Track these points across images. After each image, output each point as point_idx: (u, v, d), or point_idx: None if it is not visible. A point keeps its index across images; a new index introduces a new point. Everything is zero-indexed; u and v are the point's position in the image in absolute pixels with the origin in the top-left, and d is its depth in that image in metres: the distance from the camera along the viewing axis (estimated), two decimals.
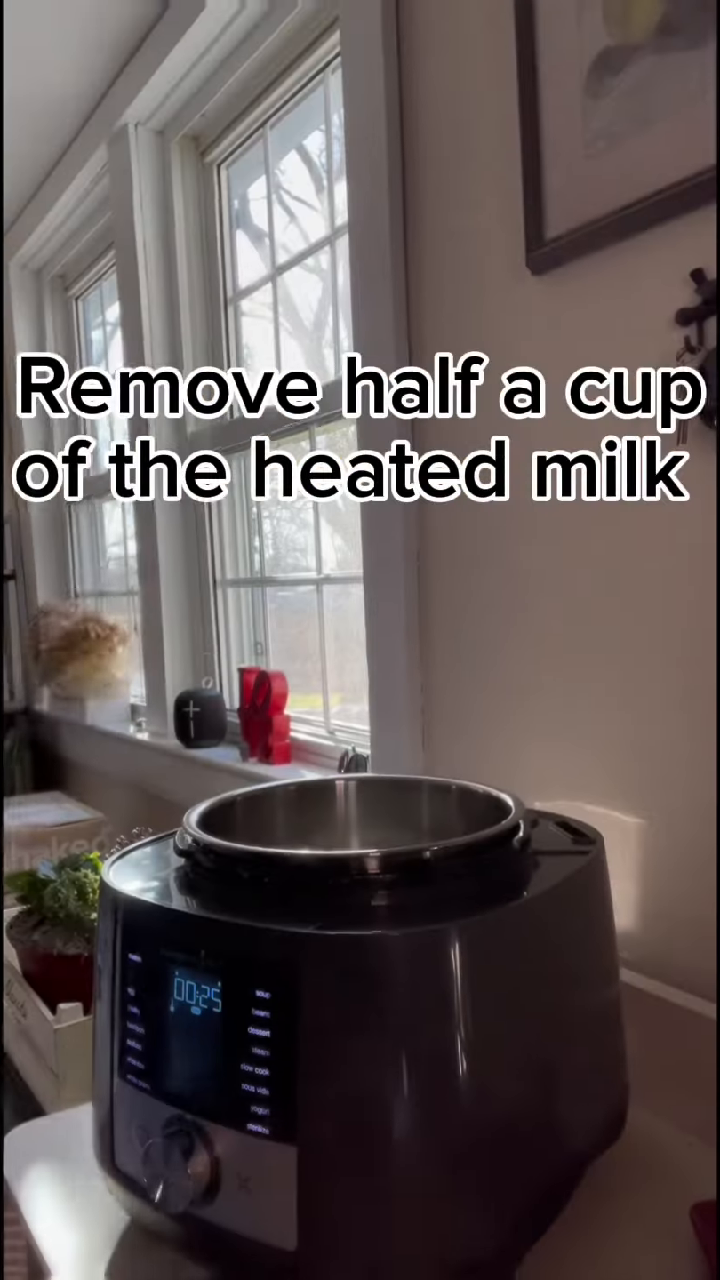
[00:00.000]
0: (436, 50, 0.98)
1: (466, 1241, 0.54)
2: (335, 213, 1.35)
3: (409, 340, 1.04)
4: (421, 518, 1.05)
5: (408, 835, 0.79)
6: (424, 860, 0.58)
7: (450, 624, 1.03)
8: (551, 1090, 0.60)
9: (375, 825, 0.81)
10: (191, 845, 0.64)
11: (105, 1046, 0.62)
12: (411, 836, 0.79)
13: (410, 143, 1.02)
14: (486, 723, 0.99)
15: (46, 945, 1.14)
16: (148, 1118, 0.58)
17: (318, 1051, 0.52)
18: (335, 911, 0.55)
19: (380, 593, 1.10)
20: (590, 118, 0.79)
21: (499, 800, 0.71)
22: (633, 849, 0.83)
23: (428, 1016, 0.53)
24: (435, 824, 0.78)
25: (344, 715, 1.45)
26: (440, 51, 0.97)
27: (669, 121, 0.73)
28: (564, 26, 0.81)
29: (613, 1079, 0.67)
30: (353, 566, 1.39)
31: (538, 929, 0.59)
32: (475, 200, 0.94)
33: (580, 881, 0.64)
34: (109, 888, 0.63)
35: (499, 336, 0.93)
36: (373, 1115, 0.52)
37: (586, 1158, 0.63)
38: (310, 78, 1.36)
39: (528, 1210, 0.57)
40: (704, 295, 0.73)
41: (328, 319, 1.43)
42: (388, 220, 1.03)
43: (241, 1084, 0.54)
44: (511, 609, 0.94)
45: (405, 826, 0.80)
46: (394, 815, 0.81)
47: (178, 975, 0.57)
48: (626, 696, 0.83)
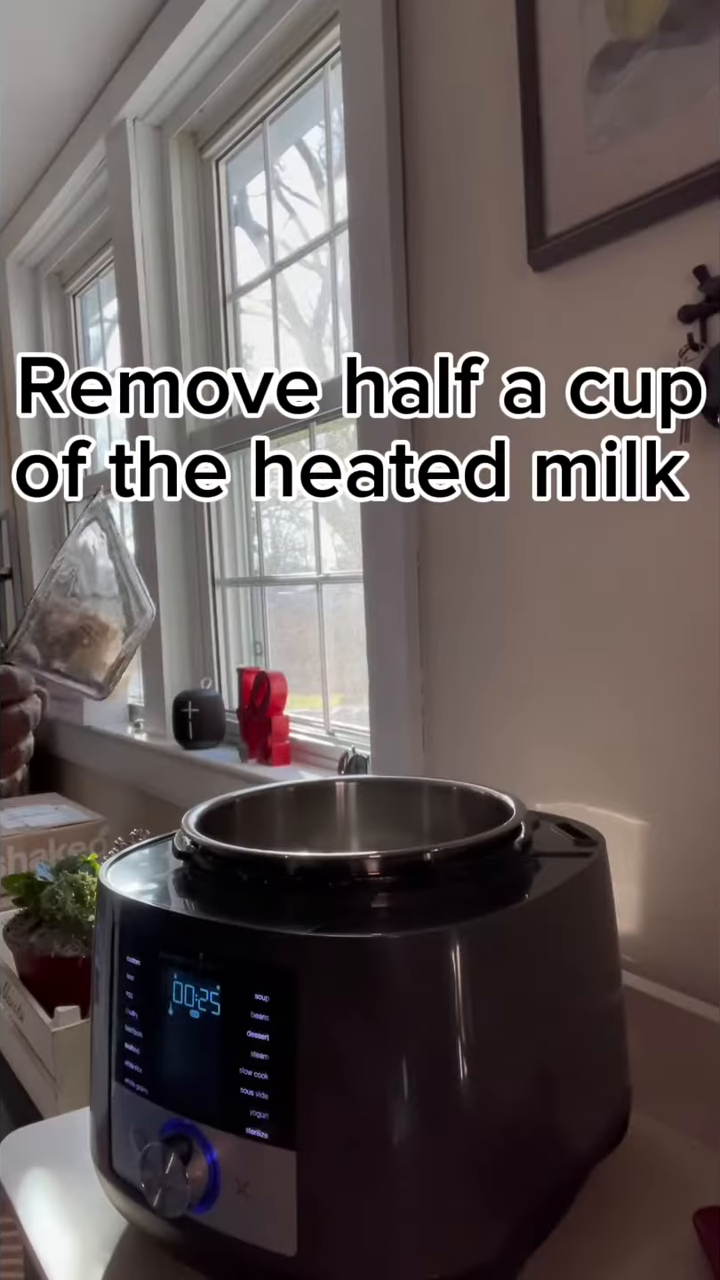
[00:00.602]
0: (437, 45, 0.97)
1: (467, 1247, 0.53)
2: (335, 209, 1.34)
3: (409, 337, 1.04)
4: (421, 518, 1.05)
5: (408, 837, 0.79)
6: (424, 862, 0.58)
7: (450, 624, 1.02)
8: (553, 1094, 0.59)
9: (375, 827, 0.81)
10: (190, 847, 0.64)
11: (103, 1050, 0.62)
12: (412, 838, 0.78)
13: (410, 138, 1.01)
14: (487, 723, 0.98)
15: (44, 948, 1.13)
16: (146, 1122, 0.58)
17: (317, 1055, 0.52)
18: (335, 914, 0.55)
19: (380, 593, 1.10)
20: (592, 113, 0.79)
21: (500, 801, 0.70)
22: (635, 851, 0.82)
23: (428, 1020, 0.53)
24: (436, 825, 0.78)
25: (344, 716, 1.44)
26: (441, 46, 0.97)
27: (672, 117, 0.73)
28: (566, 21, 0.80)
29: (615, 1083, 0.67)
30: (353, 566, 1.39)
31: (539, 932, 0.59)
32: (476, 196, 0.94)
33: (582, 884, 0.63)
34: (107, 890, 0.63)
35: (500, 333, 0.92)
36: (373, 1119, 0.52)
37: (588, 1162, 0.63)
38: (310, 73, 1.35)
39: (529, 1215, 0.57)
40: (707, 292, 0.72)
41: (327, 316, 1.42)
42: (388, 216, 1.02)
43: (240, 1088, 0.53)
44: (512, 608, 0.94)
45: (406, 828, 0.79)
46: (394, 817, 0.80)
47: (176, 978, 0.56)
48: (628, 696, 0.82)
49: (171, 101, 1.57)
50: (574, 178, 0.81)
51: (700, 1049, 0.71)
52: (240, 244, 1.62)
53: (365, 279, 1.07)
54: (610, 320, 0.81)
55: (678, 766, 0.79)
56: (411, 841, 0.78)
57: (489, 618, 0.97)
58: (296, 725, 1.48)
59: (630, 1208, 0.64)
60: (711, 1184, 0.66)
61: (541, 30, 0.83)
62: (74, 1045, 0.99)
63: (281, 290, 1.52)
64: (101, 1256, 0.62)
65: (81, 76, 1.64)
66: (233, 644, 1.72)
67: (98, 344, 2.23)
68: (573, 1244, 0.60)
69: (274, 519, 1.66)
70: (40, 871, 1.23)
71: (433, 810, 0.78)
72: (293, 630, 1.60)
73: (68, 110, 1.75)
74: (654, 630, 0.80)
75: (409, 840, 0.78)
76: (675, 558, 0.77)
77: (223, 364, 1.65)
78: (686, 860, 0.78)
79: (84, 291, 2.24)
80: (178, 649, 1.76)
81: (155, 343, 1.68)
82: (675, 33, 0.72)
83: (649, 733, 0.81)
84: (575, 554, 0.86)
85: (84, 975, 0.87)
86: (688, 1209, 0.62)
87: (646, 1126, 0.72)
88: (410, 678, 1.07)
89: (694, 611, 0.76)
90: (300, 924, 0.53)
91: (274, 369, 1.52)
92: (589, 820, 0.75)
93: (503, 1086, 0.55)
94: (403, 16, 1.01)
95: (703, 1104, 0.70)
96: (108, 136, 1.68)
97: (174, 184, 1.64)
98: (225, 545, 1.70)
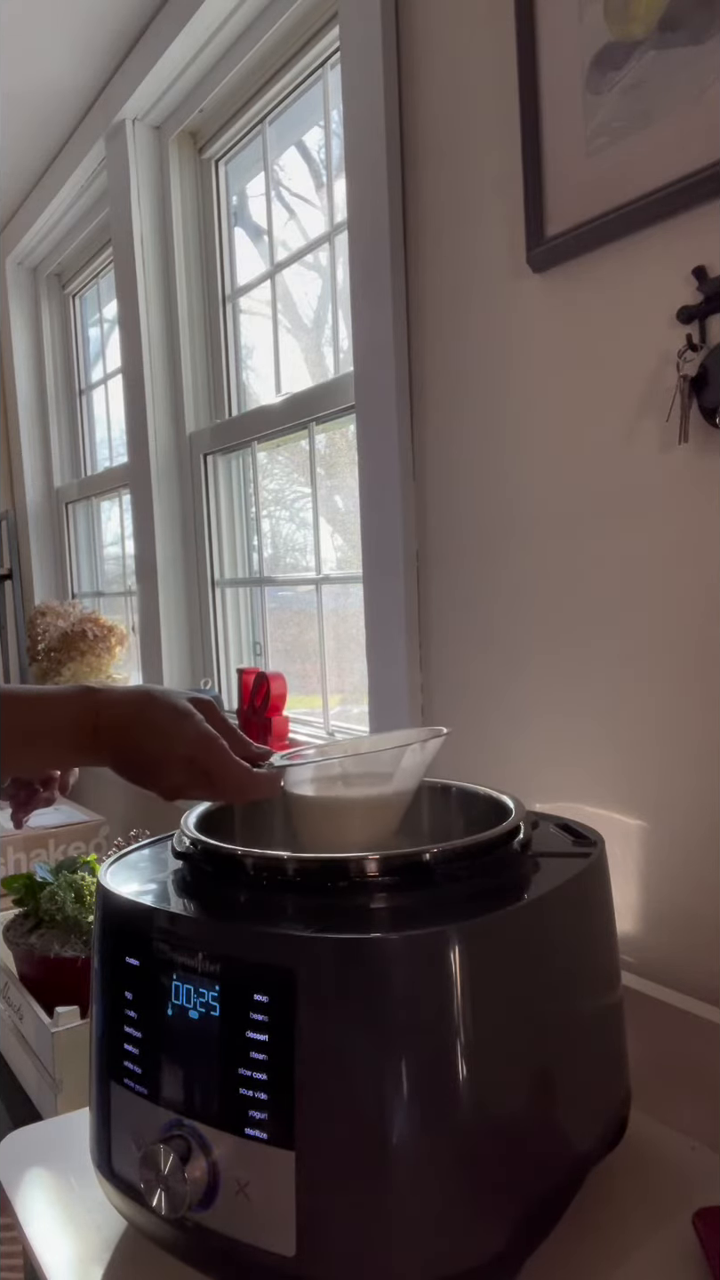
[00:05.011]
0: (436, 45, 0.97)
1: (466, 1247, 0.53)
2: (335, 209, 1.34)
3: (409, 337, 1.04)
4: (421, 518, 1.05)
5: (407, 837, 0.79)
6: (424, 862, 0.58)
7: (450, 624, 1.02)
8: (552, 1094, 0.59)
9: None
10: (189, 848, 0.64)
11: (102, 1050, 0.62)
12: (411, 838, 0.78)
13: (410, 138, 1.01)
14: (487, 723, 0.98)
15: (43, 948, 1.13)
16: (145, 1122, 0.57)
17: (316, 1056, 0.52)
18: (334, 914, 0.55)
19: (380, 593, 1.10)
20: (591, 114, 0.79)
21: (499, 802, 0.70)
22: (634, 851, 0.82)
23: (427, 1020, 0.53)
24: (435, 826, 0.78)
25: (344, 716, 1.44)
26: (440, 47, 0.97)
27: (671, 117, 0.73)
28: (565, 21, 0.80)
29: (614, 1083, 0.67)
30: (353, 566, 1.39)
31: (538, 932, 0.59)
32: (475, 197, 0.94)
33: (581, 884, 0.63)
34: (106, 890, 0.63)
35: (499, 334, 0.92)
36: (372, 1120, 0.52)
37: (587, 1163, 0.63)
38: (309, 73, 1.35)
39: (528, 1216, 0.57)
40: (705, 292, 0.72)
41: (327, 316, 1.42)
42: (388, 216, 1.02)
43: (240, 1088, 0.53)
44: (511, 609, 0.94)
45: (405, 828, 0.79)
46: None
47: (175, 979, 0.56)
48: (628, 696, 0.82)
49: (171, 101, 1.57)
50: (573, 178, 0.81)
51: (700, 1049, 0.71)
52: (240, 244, 1.62)
53: (365, 279, 1.07)
54: (609, 321, 0.81)
55: (677, 767, 0.79)
56: (411, 842, 0.78)
57: (489, 618, 0.97)
58: (296, 725, 1.48)
59: (629, 1208, 0.64)
60: (711, 1184, 0.66)
61: (541, 31, 0.83)
62: (74, 1045, 0.99)
63: (281, 290, 1.52)
64: (101, 1256, 0.62)
65: (81, 77, 1.64)
66: (232, 644, 1.72)
67: (97, 344, 2.23)
68: (572, 1244, 0.60)
69: (274, 519, 1.66)
70: (40, 872, 1.23)
71: (432, 810, 0.78)
72: (292, 630, 1.60)
73: (67, 110, 1.75)
74: (654, 631, 0.80)
75: (408, 840, 0.78)
76: (675, 559, 0.77)
77: (223, 365, 1.65)
78: (686, 860, 0.78)
79: (84, 292, 2.24)
80: (178, 649, 1.76)
81: (155, 343, 1.68)
82: (674, 33, 0.72)
83: (649, 733, 0.81)
84: (575, 554, 0.86)
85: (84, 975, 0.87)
86: (687, 1209, 0.62)
87: (646, 1126, 0.72)
88: (410, 678, 1.07)
89: (693, 612, 0.76)
90: (300, 924, 0.53)
91: (274, 369, 1.52)
92: (588, 820, 0.75)
93: (502, 1087, 0.55)
94: (402, 16, 1.01)
95: (703, 1104, 0.70)
96: (107, 137, 1.68)
97: (173, 184, 1.64)
98: (225, 545, 1.70)
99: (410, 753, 0.67)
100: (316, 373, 1.48)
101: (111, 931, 0.62)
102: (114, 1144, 0.60)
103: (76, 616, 2.00)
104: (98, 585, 2.30)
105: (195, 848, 0.63)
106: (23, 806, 0.76)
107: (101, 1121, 0.62)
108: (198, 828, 0.67)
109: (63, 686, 0.63)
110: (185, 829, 0.66)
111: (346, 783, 0.69)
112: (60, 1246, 0.63)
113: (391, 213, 1.02)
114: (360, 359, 1.09)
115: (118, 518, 2.15)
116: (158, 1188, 0.54)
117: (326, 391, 1.32)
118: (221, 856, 0.61)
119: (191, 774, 0.62)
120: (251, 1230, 0.53)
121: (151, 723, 0.61)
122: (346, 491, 1.40)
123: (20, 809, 0.76)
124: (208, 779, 0.62)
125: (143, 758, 0.62)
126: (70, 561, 2.38)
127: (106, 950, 0.62)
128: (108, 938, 0.62)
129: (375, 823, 0.69)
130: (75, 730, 0.61)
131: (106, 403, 2.18)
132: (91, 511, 2.27)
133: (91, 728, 0.61)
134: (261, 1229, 0.52)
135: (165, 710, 0.62)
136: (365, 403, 1.09)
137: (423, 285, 1.02)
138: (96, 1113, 0.63)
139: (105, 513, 2.23)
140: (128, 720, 0.61)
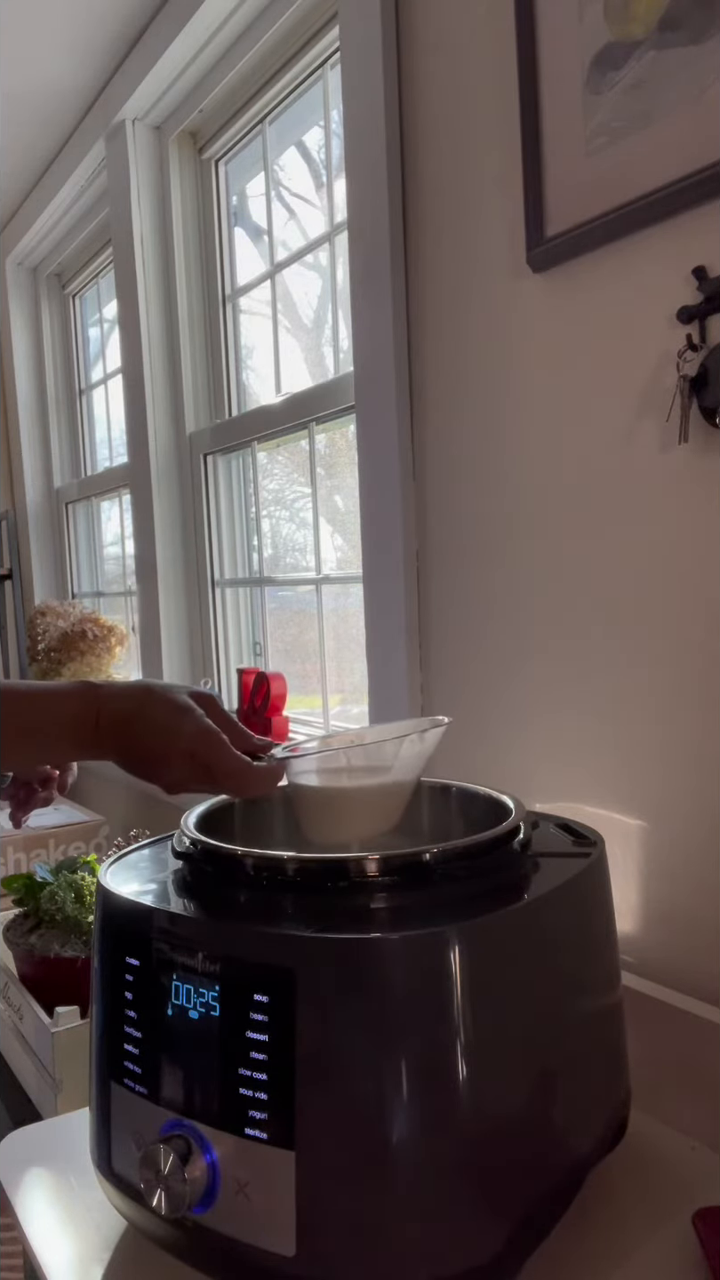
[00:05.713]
0: (436, 45, 0.97)
1: (466, 1247, 0.53)
2: (335, 209, 1.34)
3: (409, 338, 1.04)
4: (421, 518, 1.05)
5: (407, 837, 0.79)
6: (423, 862, 0.58)
7: (450, 624, 1.02)
8: (552, 1095, 0.59)
9: None
10: (189, 848, 0.64)
11: (102, 1050, 0.62)
12: (411, 838, 0.78)
13: (410, 139, 1.01)
14: (487, 723, 0.98)
15: (43, 948, 1.13)
16: (145, 1122, 0.58)
17: (316, 1055, 0.52)
18: (334, 914, 0.55)
19: (380, 592, 1.10)
20: (591, 114, 0.79)
21: (499, 802, 0.70)
22: (634, 851, 0.82)
23: (427, 1020, 0.53)
24: (435, 826, 0.78)
25: (344, 716, 1.44)
26: (440, 47, 0.97)
27: (671, 117, 0.73)
28: (565, 22, 0.80)
29: (614, 1083, 0.67)
30: (352, 566, 1.39)
31: (538, 932, 0.59)
32: (475, 197, 0.94)
33: (581, 884, 0.63)
34: (106, 890, 0.63)
35: (499, 334, 0.92)
36: (372, 1120, 0.52)
37: (588, 1162, 0.63)
38: (309, 73, 1.35)
39: (528, 1215, 0.57)
40: (706, 292, 0.72)
41: (327, 316, 1.42)
42: (387, 216, 1.02)
43: (239, 1088, 0.53)
44: (511, 609, 0.94)
45: (405, 828, 0.79)
46: None
47: (175, 979, 0.56)
48: (629, 696, 0.82)
49: (171, 102, 1.57)
50: (573, 178, 0.81)
51: (700, 1049, 0.71)
52: (240, 244, 1.62)
53: (365, 279, 1.07)
54: (609, 321, 0.81)
55: (677, 767, 0.79)
56: (410, 842, 0.78)
57: (489, 617, 0.97)
58: (296, 725, 1.48)
59: (629, 1209, 0.64)
60: (711, 1184, 0.66)
61: (540, 31, 0.83)
62: (74, 1045, 0.99)
63: (281, 290, 1.52)
64: (101, 1256, 0.62)
65: (81, 77, 1.64)
66: (232, 644, 1.72)
67: (97, 344, 2.23)
68: (573, 1244, 0.60)
69: (274, 519, 1.66)
70: (40, 872, 1.23)
71: (432, 810, 0.78)
72: (292, 630, 1.60)
73: (67, 110, 1.75)
74: (654, 631, 0.80)
75: (408, 840, 0.78)
76: (675, 558, 0.77)
77: (223, 365, 1.65)
78: (686, 860, 0.78)
79: (84, 292, 2.24)
80: (178, 649, 1.76)
81: (155, 343, 1.68)
82: (674, 33, 0.72)
83: (649, 733, 0.81)
84: (575, 554, 0.86)
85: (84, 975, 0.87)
86: (687, 1210, 0.62)
87: (646, 1126, 0.72)
88: (410, 678, 1.07)
89: (694, 612, 0.76)
90: (299, 924, 0.53)
91: (274, 369, 1.52)
92: (588, 820, 0.75)
93: (502, 1087, 0.55)
94: (402, 16, 1.01)
95: (703, 1104, 0.70)
96: (107, 137, 1.68)
97: (173, 184, 1.64)
98: (225, 545, 1.70)
99: (410, 742, 0.67)
100: (316, 373, 1.48)
101: (111, 931, 0.62)
102: (114, 1144, 0.60)
103: (76, 616, 2.00)
104: (98, 585, 2.30)
105: (195, 848, 0.63)
106: (22, 806, 0.76)
107: (101, 1121, 0.62)
108: (198, 828, 0.67)
109: (64, 682, 0.63)
110: (185, 829, 0.66)
111: (348, 774, 0.69)
112: (60, 1246, 0.63)
113: (391, 213, 1.02)
114: (360, 359, 1.09)
115: (118, 518, 2.14)
116: (158, 1188, 0.54)
117: (326, 391, 1.32)
118: (221, 856, 0.61)
119: (192, 768, 0.62)
120: (251, 1230, 0.53)
121: (152, 718, 0.61)
122: (346, 491, 1.40)
123: (19, 808, 0.76)
124: (208, 773, 0.62)
125: (144, 752, 0.62)
126: (70, 561, 2.38)
127: (106, 950, 0.62)
128: (108, 938, 0.62)
129: (377, 813, 0.69)
130: (77, 725, 0.61)
131: (106, 403, 2.18)
132: (91, 511, 2.27)
133: (93, 723, 0.61)
134: (261, 1229, 0.52)
135: (165, 705, 0.62)
136: (365, 403, 1.09)
137: (423, 285, 1.02)
138: (96, 1113, 0.63)
139: (105, 513, 2.23)
140: (128, 715, 0.61)
